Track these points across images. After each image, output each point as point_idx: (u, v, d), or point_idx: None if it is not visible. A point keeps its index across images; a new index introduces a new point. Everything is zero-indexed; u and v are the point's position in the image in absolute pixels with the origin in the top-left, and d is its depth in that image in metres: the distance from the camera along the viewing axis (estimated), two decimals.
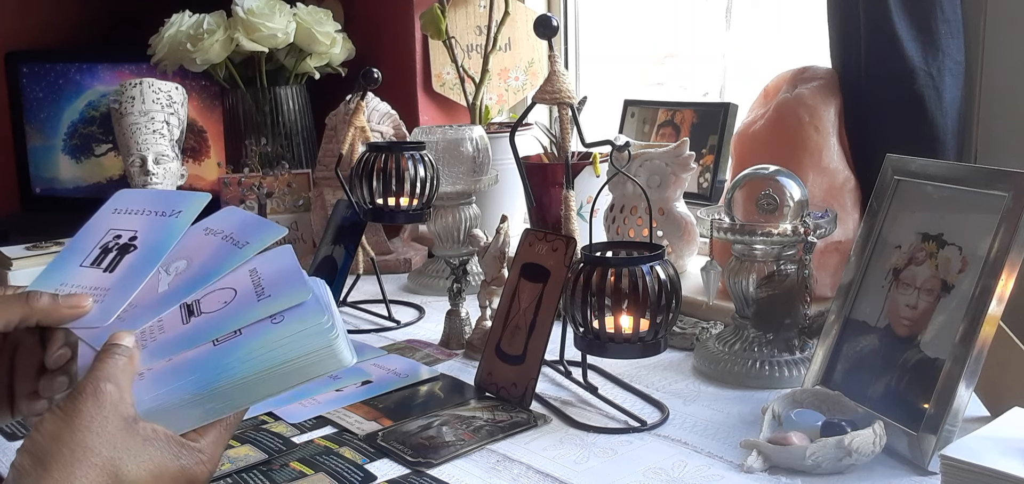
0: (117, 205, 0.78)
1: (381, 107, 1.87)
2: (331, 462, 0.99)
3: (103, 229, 0.76)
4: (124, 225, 0.76)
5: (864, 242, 1.08)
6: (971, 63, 1.26)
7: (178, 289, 0.71)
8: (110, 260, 0.73)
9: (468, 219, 1.66)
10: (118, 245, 0.74)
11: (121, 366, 0.65)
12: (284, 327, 0.66)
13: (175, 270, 0.72)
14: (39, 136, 2.29)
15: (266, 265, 0.71)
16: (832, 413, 0.98)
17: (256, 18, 1.88)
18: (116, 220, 0.76)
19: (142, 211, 0.76)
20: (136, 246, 0.74)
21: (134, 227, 0.75)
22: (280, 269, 0.71)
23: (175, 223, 0.74)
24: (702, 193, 1.69)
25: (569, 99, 1.20)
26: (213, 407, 0.66)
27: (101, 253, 0.74)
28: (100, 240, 0.75)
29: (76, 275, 0.73)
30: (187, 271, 0.72)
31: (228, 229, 0.74)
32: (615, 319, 1.03)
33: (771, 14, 1.75)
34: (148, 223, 0.75)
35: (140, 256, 0.73)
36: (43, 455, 0.61)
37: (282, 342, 0.66)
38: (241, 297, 0.69)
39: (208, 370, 0.65)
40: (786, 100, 1.35)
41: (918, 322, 0.99)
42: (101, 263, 0.73)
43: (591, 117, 1.83)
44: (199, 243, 0.74)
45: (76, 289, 0.71)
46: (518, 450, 1.01)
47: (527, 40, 2.02)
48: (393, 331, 1.47)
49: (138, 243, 0.74)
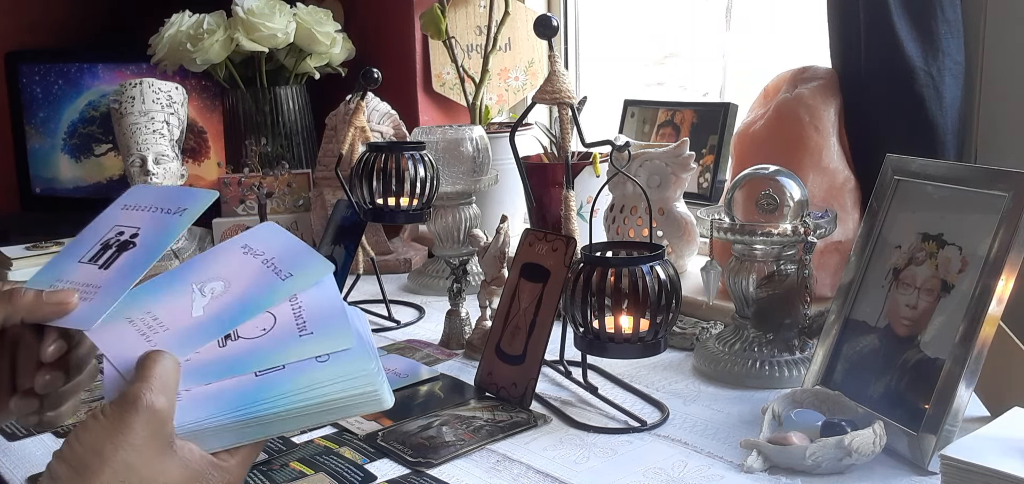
0: (128, 201, 0.76)
1: (381, 107, 1.87)
2: (331, 462, 0.99)
3: (109, 225, 0.74)
4: (129, 222, 0.74)
5: (864, 242, 1.08)
6: (971, 63, 1.26)
7: (216, 320, 0.68)
8: (107, 257, 0.72)
9: (468, 219, 1.66)
10: (119, 242, 0.73)
11: (173, 376, 0.62)
12: (330, 369, 0.65)
13: (211, 292, 0.69)
14: (39, 136, 2.29)
15: (308, 296, 0.69)
16: (832, 413, 0.98)
17: (256, 18, 1.88)
18: (124, 216, 0.75)
19: (149, 207, 0.75)
20: (136, 244, 0.72)
21: (137, 224, 0.74)
22: (323, 304, 0.69)
23: (176, 222, 0.73)
24: (702, 193, 1.69)
25: (569, 99, 1.20)
26: (250, 433, 0.65)
27: (101, 249, 0.72)
28: (103, 236, 0.74)
29: (72, 271, 0.71)
30: (225, 296, 0.69)
31: (270, 253, 0.71)
32: (615, 319, 1.03)
33: (771, 14, 1.75)
34: (151, 220, 0.74)
35: (136, 254, 0.71)
36: (82, 468, 0.58)
37: (327, 383, 0.65)
38: (281, 327, 0.67)
39: (250, 401, 0.64)
40: (786, 100, 1.35)
41: (918, 322, 0.99)
42: (98, 259, 0.72)
43: (591, 117, 1.83)
44: (237, 265, 0.71)
45: (69, 285, 0.69)
46: (518, 450, 1.01)
47: (527, 40, 2.02)
48: (393, 331, 1.47)
49: (138, 241, 0.72)
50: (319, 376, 0.65)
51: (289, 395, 0.64)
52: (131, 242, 0.72)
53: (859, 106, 1.32)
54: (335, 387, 0.65)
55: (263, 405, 0.64)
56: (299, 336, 0.67)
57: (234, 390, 0.64)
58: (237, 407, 0.64)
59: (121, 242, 0.72)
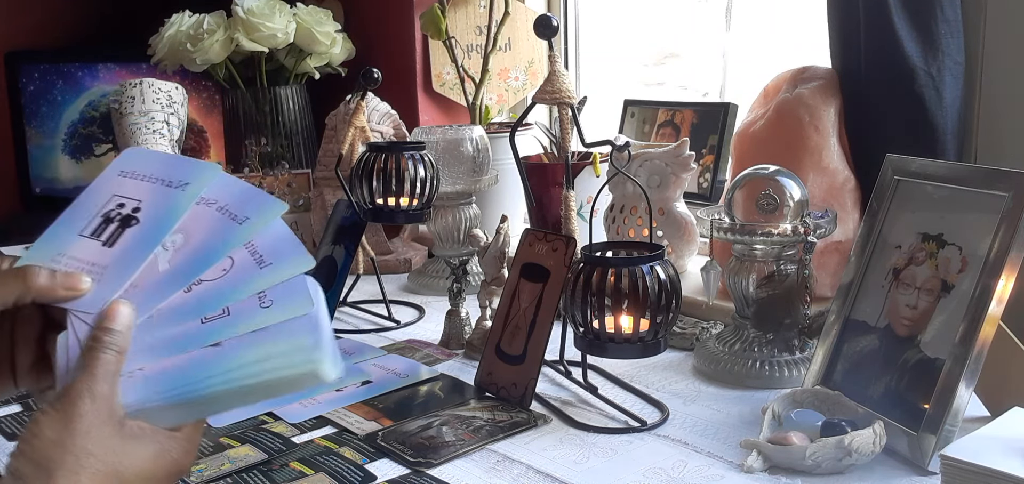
0: (124, 167, 0.74)
1: (381, 107, 1.87)
2: (331, 462, 0.99)
3: (107, 194, 0.72)
4: (129, 192, 0.72)
5: (864, 242, 1.08)
6: (971, 63, 1.26)
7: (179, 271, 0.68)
8: (110, 232, 0.70)
9: (468, 219, 1.66)
10: (120, 215, 0.71)
11: (112, 365, 0.64)
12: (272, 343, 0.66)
13: (172, 245, 0.69)
14: (39, 136, 2.29)
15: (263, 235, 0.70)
16: (832, 413, 0.98)
17: (256, 18, 1.88)
18: (121, 185, 0.73)
19: (149, 177, 0.73)
20: (138, 219, 0.71)
21: (138, 196, 0.72)
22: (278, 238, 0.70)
23: (181, 197, 0.71)
24: (702, 193, 1.69)
25: (569, 99, 1.20)
26: (194, 411, 0.67)
27: (102, 222, 0.71)
28: (103, 207, 0.72)
29: (74, 245, 0.70)
30: (185, 248, 0.69)
31: (224, 200, 0.71)
32: (615, 319, 1.03)
33: (771, 14, 1.75)
34: (153, 193, 0.72)
35: (142, 232, 0.70)
36: (45, 461, 0.60)
37: (270, 359, 0.66)
38: (240, 265, 0.69)
39: (195, 380, 0.65)
40: (786, 100, 1.35)
41: (918, 322, 0.99)
42: (101, 234, 0.70)
43: (591, 117, 1.83)
44: (194, 215, 0.71)
45: (73, 262, 0.69)
46: (518, 450, 1.01)
47: (527, 40, 2.02)
48: (393, 331, 1.47)
49: (141, 216, 0.71)
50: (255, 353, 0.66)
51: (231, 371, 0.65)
52: (133, 218, 0.71)
53: (859, 106, 1.32)
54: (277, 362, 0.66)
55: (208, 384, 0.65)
56: (259, 269, 0.68)
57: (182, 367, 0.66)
58: (183, 386, 0.65)
59: (123, 217, 0.71)
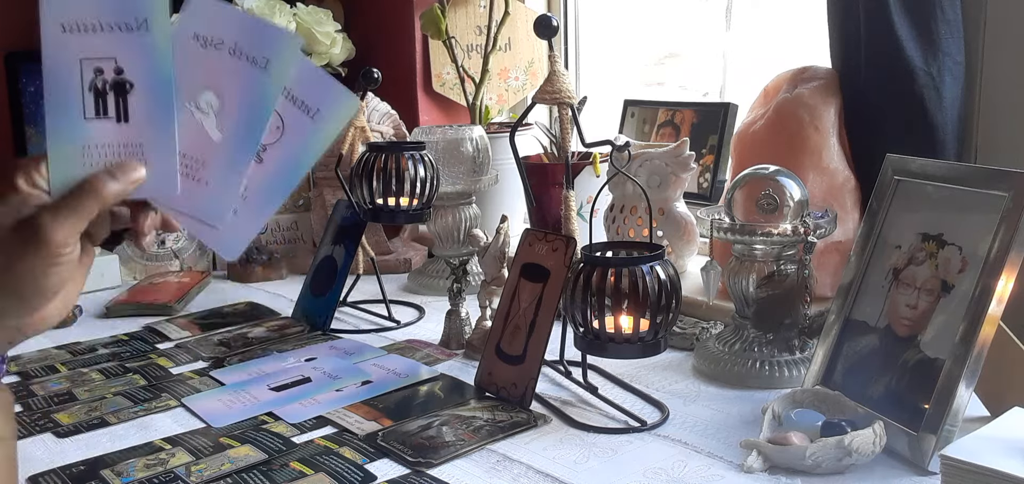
0: (60, 18, 0.67)
1: (381, 107, 1.87)
2: (331, 462, 0.99)
3: (73, 61, 0.67)
4: (93, 50, 0.67)
5: (864, 242, 1.08)
6: (971, 63, 1.26)
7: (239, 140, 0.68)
8: (114, 105, 0.67)
9: (468, 219, 1.66)
10: (107, 82, 0.67)
11: None
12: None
13: (209, 106, 0.68)
14: (39, 136, 2.29)
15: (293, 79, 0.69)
16: (832, 413, 0.98)
17: None
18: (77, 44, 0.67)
19: (99, 25, 0.67)
20: (132, 83, 0.67)
21: (107, 52, 0.67)
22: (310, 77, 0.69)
23: (152, 40, 0.66)
24: (702, 193, 1.69)
25: (569, 99, 1.20)
26: None
27: (96, 97, 0.67)
28: (82, 80, 0.67)
29: (90, 132, 0.67)
30: (226, 109, 0.67)
31: (230, 39, 0.68)
32: (615, 319, 1.03)
33: (771, 14, 1.75)
34: (119, 45, 0.67)
35: (147, 95, 0.67)
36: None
37: None
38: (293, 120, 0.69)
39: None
40: (786, 100, 1.35)
41: (918, 322, 0.99)
42: (105, 111, 0.67)
43: (591, 117, 1.83)
44: (209, 65, 0.67)
45: (106, 151, 0.67)
46: (518, 450, 1.01)
47: (527, 40, 2.02)
48: (393, 331, 1.47)
49: (130, 76, 0.67)
50: None
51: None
52: (123, 82, 0.67)
53: (859, 106, 1.32)
54: None
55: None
56: (312, 119, 0.68)
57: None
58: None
59: (113, 83, 0.67)
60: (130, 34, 0.66)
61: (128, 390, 1.23)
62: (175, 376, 1.28)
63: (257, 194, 0.69)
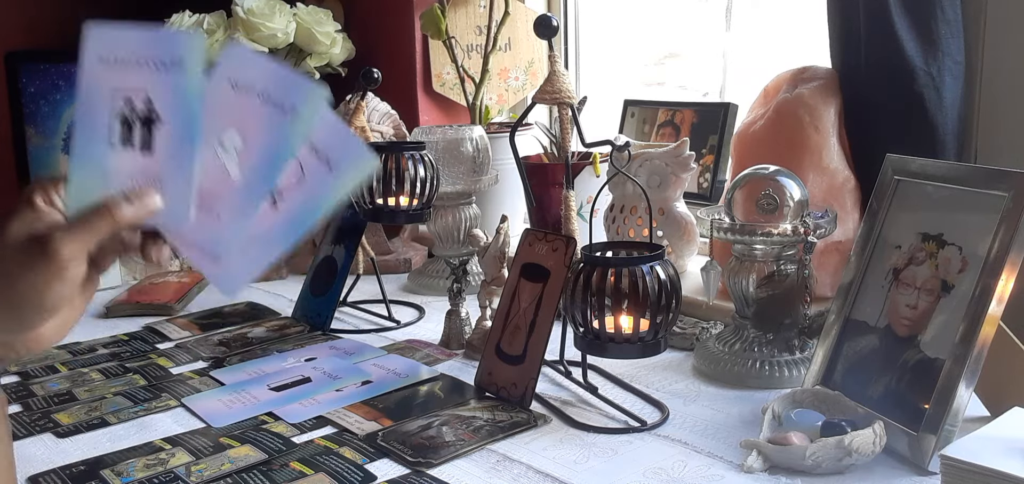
0: (101, 53, 0.70)
1: (381, 107, 1.87)
2: (331, 462, 0.99)
3: (106, 91, 0.70)
4: (127, 83, 0.69)
5: (864, 242, 1.08)
6: (971, 63, 1.26)
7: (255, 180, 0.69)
8: (139, 136, 0.69)
9: (468, 219, 1.66)
10: (136, 114, 0.69)
11: None
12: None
13: (231, 145, 0.69)
14: (39, 136, 2.29)
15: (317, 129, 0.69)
16: (832, 413, 0.98)
17: (256, 18, 1.88)
18: (112, 76, 0.70)
19: (136, 61, 0.70)
20: (158, 116, 0.69)
21: (140, 85, 0.69)
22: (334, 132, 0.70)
23: (185, 80, 0.69)
24: (702, 193, 1.69)
25: (569, 99, 1.20)
26: None
27: (123, 127, 0.69)
28: (111, 108, 0.70)
29: (113, 159, 0.69)
30: (247, 150, 0.69)
31: (260, 85, 0.69)
32: (615, 319, 1.03)
33: (771, 14, 1.75)
34: (153, 81, 0.69)
35: (172, 129, 0.69)
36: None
37: None
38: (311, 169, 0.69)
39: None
40: (786, 100, 1.35)
41: (918, 322, 0.99)
42: (132, 140, 0.69)
43: (591, 117, 1.83)
44: (237, 108, 0.69)
45: (125, 179, 0.69)
46: (518, 450, 1.01)
47: (527, 40, 2.02)
48: (393, 331, 1.47)
49: (158, 111, 0.69)
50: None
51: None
52: (152, 116, 0.69)
53: (859, 106, 1.32)
54: None
55: None
56: (330, 172, 0.69)
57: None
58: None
59: (141, 116, 0.69)
60: (164, 72, 0.69)
61: (128, 390, 1.23)
62: (175, 376, 1.28)
63: (265, 236, 0.70)
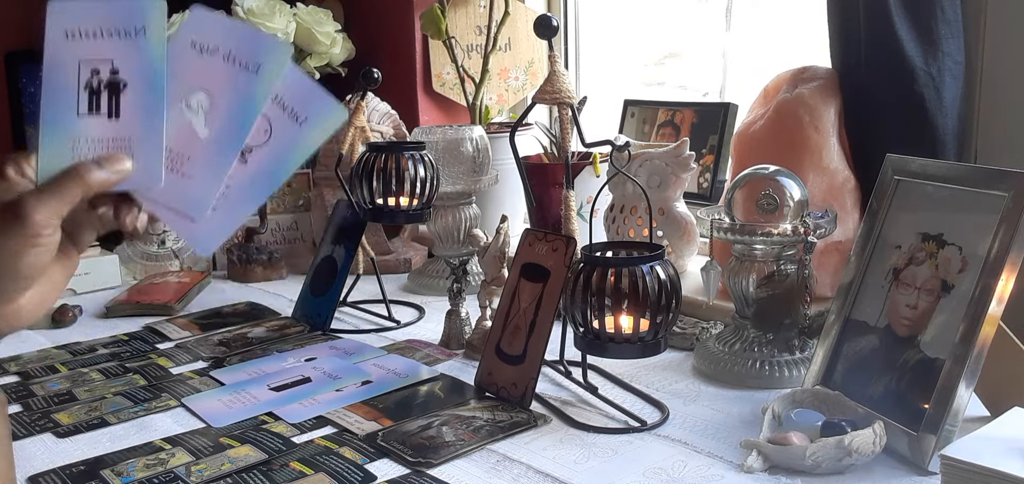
0: (65, 25, 0.70)
1: (381, 107, 1.87)
2: (331, 462, 0.99)
3: (72, 63, 0.70)
4: (93, 54, 0.70)
5: (864, 242, 1.08)
6: (971, 63, 1.26)
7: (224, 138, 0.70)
8: (106, 103, 0.70)
9: (468, 219, 1.66)
10: (103, 81, 0.70)
11: None
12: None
13: (199, 106, 0.70)
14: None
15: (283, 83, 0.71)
16: (832, 413, 0.98)
17: (256, 18, 1.88)
18: (78, 48, 0.70)
19: (100, 31, 0.70)
20: (124, 82, 0.69)
21: (106, 55, 0.70)
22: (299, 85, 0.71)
23: (148, 45, 0.70)
24: (702, 193, 1.69)
25: (569, 99, 1.20)
26: None
27: (90, 95, 0.70)
28: (79, 79, 0.70)
29: (81, 127, 0.69)
30: (216, 110, 0.70)
31: (223, 46, 0.70)
32: (615, 319, 1.03)
33: (771, 14, 1.75)
34: (117, 49, 0.70)
35: (139, 93, 0.69)
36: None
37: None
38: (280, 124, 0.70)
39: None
40: (786, 100, 1.35)
41: (918, 322, 0.99)
42: (98, 108, 0.70)
43: (591, 117, 1.83)
44: (203, 69, 0.70)
45: (96, 144, 0.69)
46: (518, 450, 1.01)
47: (527, 40, 2.02)
48: (393, 331, 1.47)
49: (124, 77, 0.70)
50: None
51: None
52: (117, 81, 0.70)
53: (859, 106, 1.32)
54: None
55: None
56: (299, 126, 0.70)
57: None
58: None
59: (108, 83, 0.70)
60: (128, 39, 0.70)
61: (128, 390, 1.23)
62: (175, 376, 1.28)
63: (238, 192, 0.71)
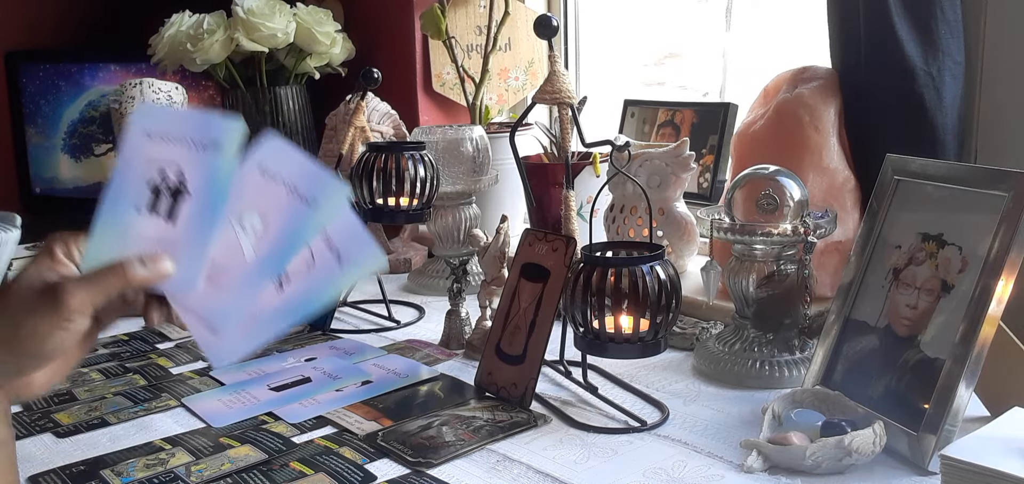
0: (147, 127, 0.74)
1: (381, 107, 1.87)
2: (331, 462, 0.99)
3: (143, 161, 0.73)
4: (164, 156, 0.73)
5: (864, 242, 1.08)
6: (971, 63, 1.26)
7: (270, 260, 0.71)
8: (166, 206, 0.72)
9: (468, 219, 1.66)
10: (168, 185, 0.72)
11: None
12: None
13: (251, 228, 0.71)
14: (39, 136, 2.29)
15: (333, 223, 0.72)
16: (832, 413, 0.98)
17: (256, 18, 1.88)
18: (153, 148, 0.73)
19: (178, 139, 0.73)
20: (187, 190, 0.72)
21: (175, 161, 0.72)
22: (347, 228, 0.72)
23: (219, 161, 0.72)
24: (702, 193, 1.69)
25: (569, 99, 1.20)
26: None
27: (153, 195, 0.72)
28: (146, 177, 0.72)
29: (136, 223, 0.71)
30: (267, 235, 0.71)
31: (288, 176, 0.72)
32: (615, 319, 1.03)
33: (771, 14, 1.75)
34: (189, 158, 0.72)
35: (198, 204, 0.71)
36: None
37: None
38: (321, 259, 0.72)
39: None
40: (786, 100, 1.35)
41: (918, 322, 0.99)
42: (157, 209, 0.72)
43: (591, 117, 1.83)
44: (263, 193, 0.72)
45: (144, 243, 0.71)
46: (518, 450, 1.01)
47: (527, 40, 2.02)
48: (393, 331, 1.47)
49: (188, 185, 0.72)
50: None
51: None
52: (182, 189, 0.72)
53: (859, 106, 1.32)
54: None
55: None
56: (339, 267, 0.71)
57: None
58: None
59: (171, 188, 0.72)
60: (202, 152, 0.72)
61: (128, 390, 1.23)
62: (175, 376, 1.28)
63: (265, 315, 0.72)
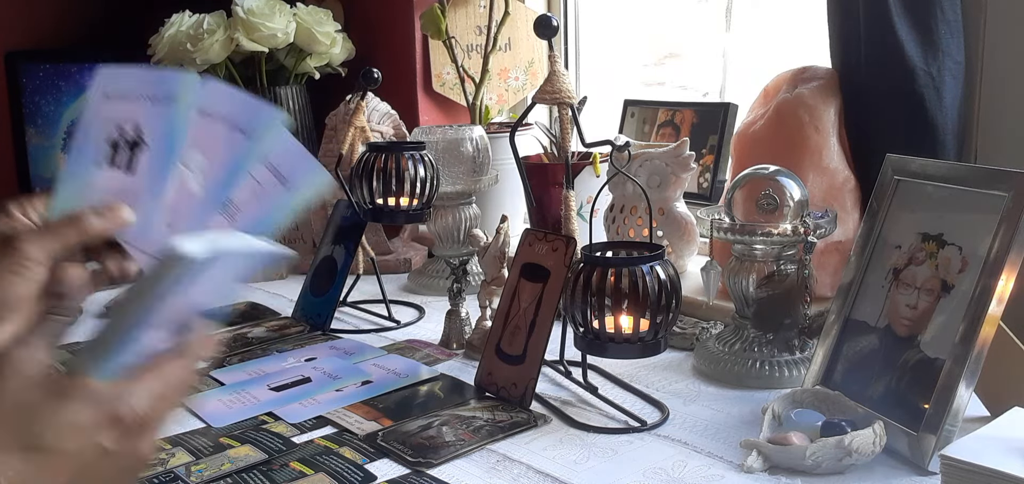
0: (105, 88, 0.76)
1: (381, 107, 1.87)
2: (331, 462, 0.99)
3: (103, 120, 0.75)
4: (122, 114, 0.75)
5: (864, 242, 1.08)
6: (971, 63, 1.26)
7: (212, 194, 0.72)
8: (124, 158, 0.74)
9: (468, 219, 1.66)
10: (125, 139, 0.74)
11: None
12: None
13: (197, 167, 0.73)
14: (39, 136, 2.29)
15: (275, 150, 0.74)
16: (832, 413, 0.98)
17: (256, 18, 1.88)
18: (111, 108, 0.75)
19: (134, 96, 0.75)
20: (144, 141, 0.74)
21: (133, 117, 0.74)
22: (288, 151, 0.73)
23: (174, 113, 0.74)
24: (702, 193, 1.69)
25: (569, 99, 1.19)
26: None
27: (111, 150, 0.74)
28: (105, 133, 0.74)
29: (96, 177, 0.73)
30: (210, 170, 0.72)
31: (226, 113, 0.74)
32: (615, 319, 1.03)
33: (771, 14, 1.75)
34: (145, 112, 0.74)
35: (154, 153, 0.73)
36: None
37: None
38: (266, 186, 0.73)
39: None
40: (786, 100, 1.35)
41: (918, 322, 0.99)
42: (116, 161, 0.74)
43: (591, 117, 1.83)
44: (204, 132, 0.73)
45: (103, 194, 0.72)
46: (518, 450, 1.01)
47: (527, 40, 2.02)
48: (393, 331, 1.47)
49: (145, 137, 0.74)
50: None
51: None
52: (140, 140, 0.74)
53: (859, 106, 1.32)
54: None
55: None
56: (285, 189, 0.73)
57: None
58: None
59: (129, 141, 0.74)
60: (158, 105, 0.74)
61: None
62: None
63: None
